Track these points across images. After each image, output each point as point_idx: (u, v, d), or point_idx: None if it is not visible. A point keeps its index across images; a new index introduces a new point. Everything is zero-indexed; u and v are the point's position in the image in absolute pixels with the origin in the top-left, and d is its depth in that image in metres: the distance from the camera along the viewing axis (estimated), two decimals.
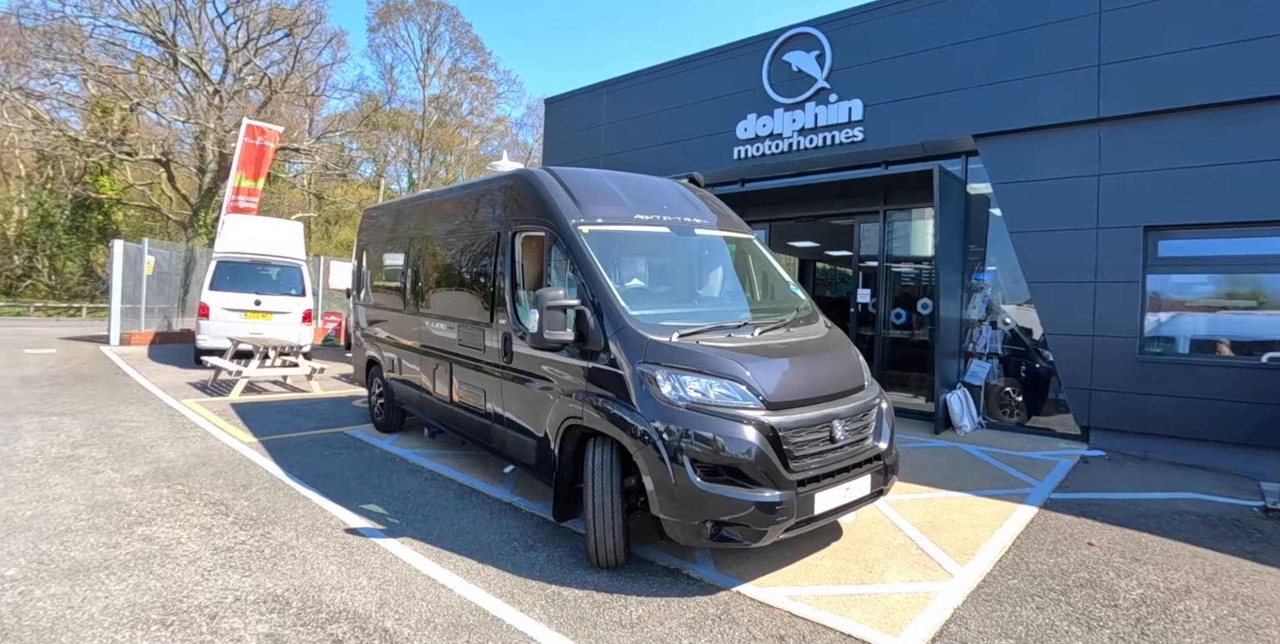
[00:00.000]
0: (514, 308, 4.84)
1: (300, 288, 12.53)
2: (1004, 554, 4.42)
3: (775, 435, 3.71)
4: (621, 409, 3.86)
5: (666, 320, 4.17)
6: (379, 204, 8.24)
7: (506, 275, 4.91)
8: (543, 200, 4.67)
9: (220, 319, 11.70)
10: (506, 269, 4.92)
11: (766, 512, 3.60)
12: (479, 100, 47.60)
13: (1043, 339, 7.83)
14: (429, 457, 6.43)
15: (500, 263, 5.00)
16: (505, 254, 4.95)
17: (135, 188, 28.95)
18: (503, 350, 4.89)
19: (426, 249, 6.23)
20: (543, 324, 4.02)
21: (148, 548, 4.09)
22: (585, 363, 4.15)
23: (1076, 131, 7.39)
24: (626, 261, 4.52)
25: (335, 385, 10.76)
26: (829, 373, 4.33)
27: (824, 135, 9.06)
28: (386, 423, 7.26)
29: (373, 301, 7.56)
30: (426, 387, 6.18)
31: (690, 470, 3.61)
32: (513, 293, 4.86)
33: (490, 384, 5.09)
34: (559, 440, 4.33)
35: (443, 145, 46.86)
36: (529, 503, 5.21)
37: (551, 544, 4.42)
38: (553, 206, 4.58)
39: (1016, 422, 8.15)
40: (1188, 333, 7.07)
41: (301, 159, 28.68)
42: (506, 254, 4.94)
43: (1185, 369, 6.86)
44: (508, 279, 4.90)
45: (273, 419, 7.94)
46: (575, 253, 4.31)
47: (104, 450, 6.26)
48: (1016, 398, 8.19)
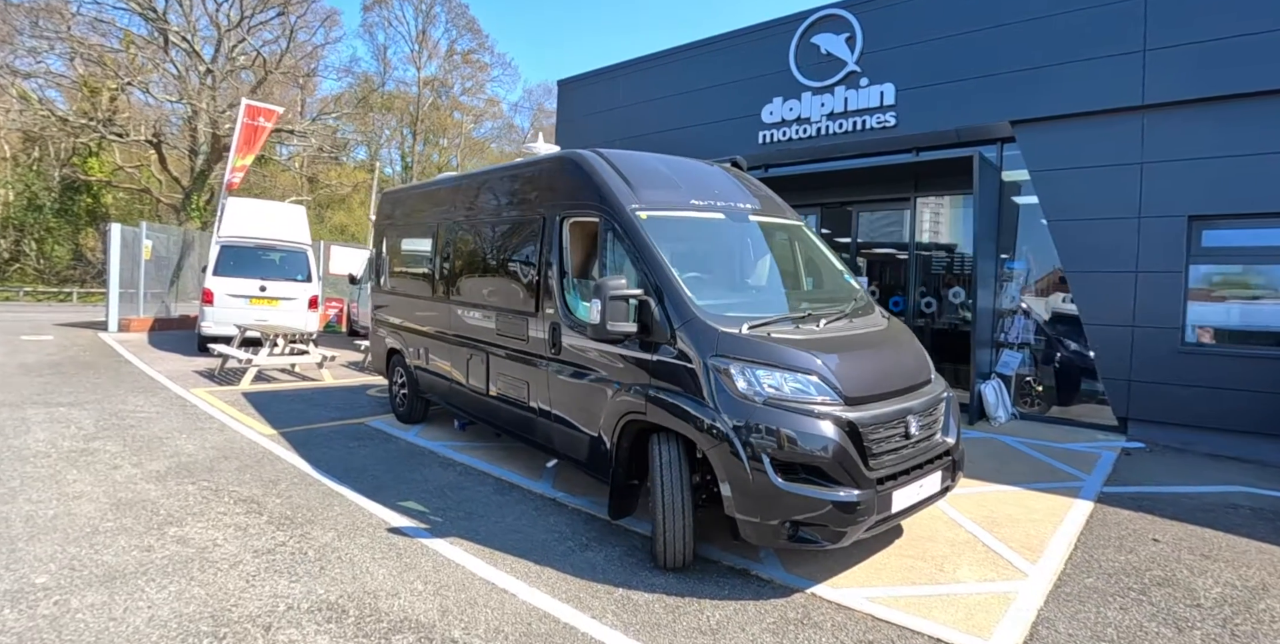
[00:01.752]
0: (563, 297, 4.61)
1: (306, 273, 12.21)
2: (1072, 551, 4.32)
3: (855, 431, 3.55)
4: (692, 405, 3.67)
5: (731, 311, 3.97)
6: (399, 187, 7.94)
7: (554, 263, 4.67)
8: (595, 184, 4.43)
9: (225, 305, 11.38)
10: (554, 256, 4.68)
11: (847, 511, 3.44)
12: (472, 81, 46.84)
13: (1076, 329, 7.69)
14: (458, 449, 6.22)
15: (546, 249, 4.76)
16: (552, 240, 4.71)
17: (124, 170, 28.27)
18: (550, 341, 4.66)
19: (458, 234, 5.97)
20: (605, 315, 3.80)
21: (183, 551, 3.86)
22: (648, 355, 3.94)
23: (1119, 118, 7.19)
24: (682, 249, 4.29)
25: (345, 373, 10.50)
26: (899, 365, 4.18)
27: (854, 120, 8.81)
28: (409, 414, 7.03)
29: (394, 288, 7.30)
30: (458, 377, 5.95)
31: (769, 469, 3.43)
32: (561, 281, 4.63)
33: (535, 376, 4.86)
34: (616, 436, 4.13)
35: (436, 128, 46.18)
36: (572, 498, 5.01)
37: (607, 543, 4.23)
38: (607, 191, 4.34)
39: (1048, 412, 8.02)
40: (1231, 324, 6.93)
41: (295, 141, 28.08)
42: (554, 240, 4.70)
43: (1227, 361, 6.73)
44: (555, 267, 4.66)
45: (288, 409, 7.69)
46: (634, 240, 4.08)
47: (119, 443, 6.00)
48: (1049, 388, 8.06)
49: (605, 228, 4.31)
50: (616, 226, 4.21)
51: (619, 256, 4.28)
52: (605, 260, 4.31)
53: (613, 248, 4.31)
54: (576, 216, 4.61)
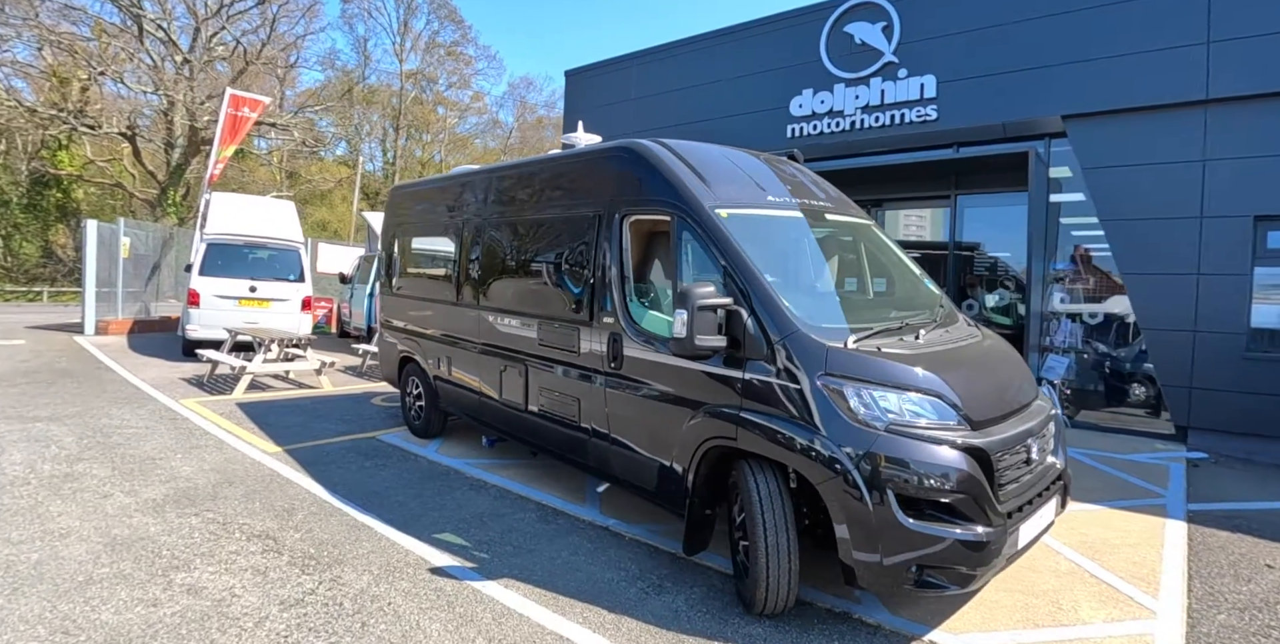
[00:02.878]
0: (624, 305, 4.08)
1: (299, 272, 11.52)
2: (1189, 582, 3.95)
3: (985, 459, 3.10)
4: (797, 430, 3.17)
5: (826, 321, 3.49)
6: (412, 181, 7.33)
7: (613, 266, 4.14)
8: (665, 178, 3.92)
9: (212, 307, 10.68)
10: (613, 259, 4.15)
11: (980, 551, 2.99)
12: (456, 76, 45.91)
13: (1127, 333, 7.33)
14: (486, 468, 5.67)
15: (602, 251, 4.23)
16: (610, 241, 4.18)
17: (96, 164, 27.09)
18: (608, 354, 4.13)
19: (490, 233, 5.40)
20: (692, 327, 3.30)
21: (197, 605, 3.28)
22: (736, 373, 3.43)
23: (1180, 113, 6.81)
24: (762, 252, 3.79)
25: (344, 379, 9.87)
26: (1010, 381, 3.75)
27: (891, 113, 8.36)
28: (426, 427, 6.45)
29: (409, 291, 6.71)
30: (487, 391, 5.39)
31: (895, 505, 2.95)
32: (622, 287, 4.10)
33: (587, 393, 4.33)
34: (695, 464, 3.63)
35: (419, 123, 45.23)
36: (627, 526, 4.50)
37: (682, 583, 3.72)
38: (681, 186, 3.83)
39: (1098, 420, 7.66)
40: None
41: (277, 135, 27.11)
42: (612, 241, 4.17)
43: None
44: (615, 271, 4.13)
45: (289, 422, 7.07)
46: (718, 242, 3.58)
47: (107, 466, 5.37)
48: (1098, 394, 7.70)
49: (679, 228, 3.79)
50: (694, 227, 3.71)
51: (696, 260, 3.78)
52: (679, 264, 3.79)
53: (688, 250, 3.79)
54: (640, 214, 4.09)
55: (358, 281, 14.06)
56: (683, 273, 3.79)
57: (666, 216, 3.89)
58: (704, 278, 3.73)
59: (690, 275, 3.78)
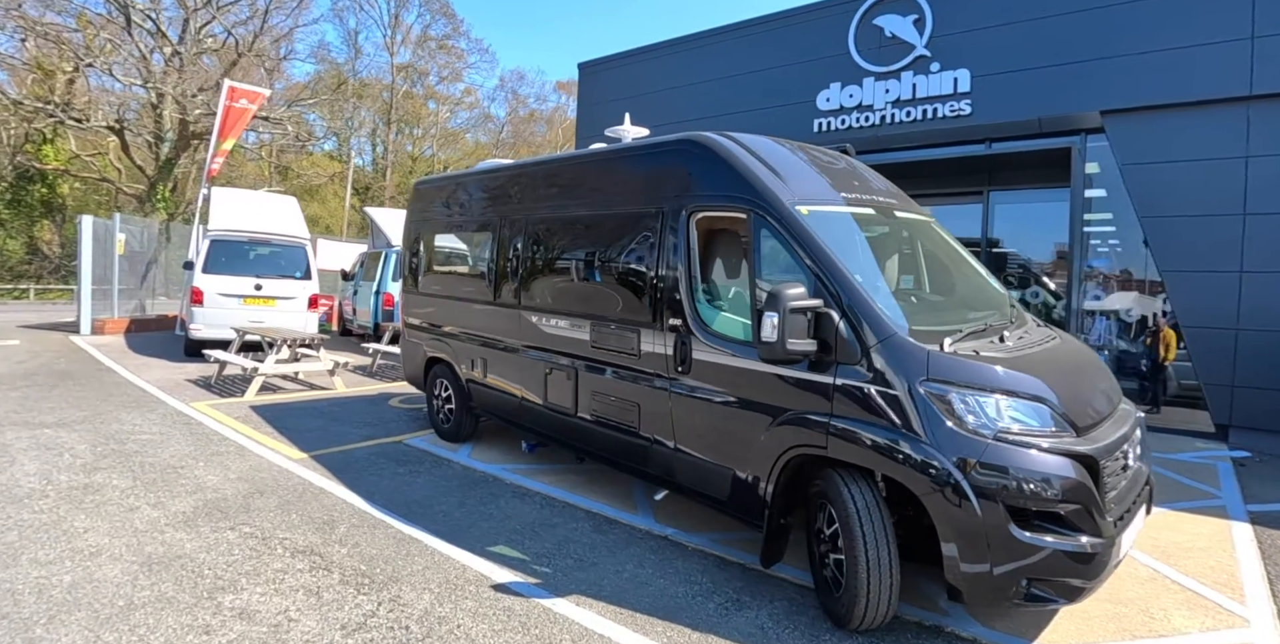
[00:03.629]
0: (693, 306, 3.87)
1: (305, 270, 11.22)
2: (1270, 587, 3.86)
3: (1094, 466, 2.95)
4: (898, 439, 2.99)
5: (920, 323, 3.31)
6: (439, 175, 7.06)
7: (680, 265, 3.93)
8: (738, 173, 3.71)
9: (216, 306, 10.36)
10: (679, 258, 3.94)
11: (1089, 562, 2.85)
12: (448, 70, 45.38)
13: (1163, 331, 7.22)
14: (525, 474, 5.45)
15: (667, 249, 4.01)
16: (676, 239, 3.97)
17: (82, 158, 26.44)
18: (675, 358, 3.92)
19: (533, 230, 5.16)
20: (783, 331, 3.10)
21: (253, 631, 3.05)
22: (826, 378, 3.24)
23: (1223, 109, 6.69)
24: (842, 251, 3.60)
25: (355, 380, 9.60)
26: (1099, 384, 3.61)
27: (923, 108, 8.18)
28: (457, 431, 6.22)
29: (437, 291, 6.45)
30: (529, 394, 5.17)
31: (1007, 518, 2.79)
32: (690, 287, 3.89)
33: (649, 399, 4.12)
34: (775, 473, 3.45)
35: (410, 118, 44.69)
36: (687, 535, 4.31)
37: (761, 597, 3.54)
38: (758, 182, 3.63)
39: None
40: None
41: (264, 128, 26.56)
42: (678, 239, 3.95)
43: None
44: (682, 270, 3.92)
45: (309, 426, 6.81)
46: (801, 241, 3.39)
47: (127, 476, 5.10)
48: (1133, 393, 7.60)
49: (757, 226, 3.59)
50: (773, 225, 3.51)
51: (775, 260, 3.59)
52: (755, 264, 3.59)
53: (765, 249, 3.60)
54: (710, 211, 3.88)
55: (362, 279, 13.75)
56: (760, 273, 3.59)
57: (741, 214, 3.69)
58: (782, 278, 3.55)
59: (768, 276, 3.59)
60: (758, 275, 3.58)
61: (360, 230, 36.94)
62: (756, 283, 3.56)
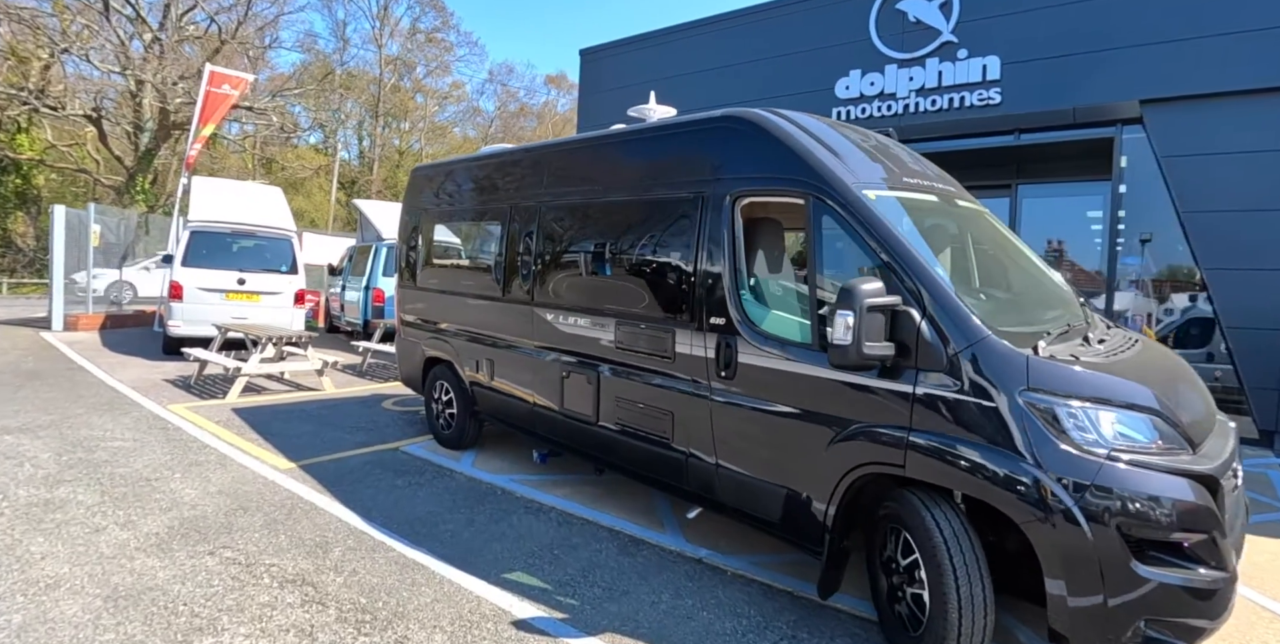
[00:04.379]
0: (738, 302, 3.43)
1: (291, 263, 10.66)
2: None
3: (1215, 488, 2.56)
4: (994, 458, 2.58)
5: (1007, 324, 2.90)
6: (440, 160, 6.55)
7: (723, 257, 3.48)
8: (794, 153, 3.28)
9: (196, 301, 9.79)
10: (723, 248, 3.49)
11: (1211, 599, 2.47)
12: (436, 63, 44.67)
13: (1206, 332, 6.87)
14: (535, 486, 4.99)
15: (707, 239, 3.56)
16: (718, 227, 3.52)
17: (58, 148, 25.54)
18: (718, 362, 3.48)
19: (548, 219, 4.68)
20: (859, 332, 2.68)
21: None
22: (904, 386, 2.81)
23: (1271, 99, 6.34)
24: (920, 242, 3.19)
25: (345, 380, 9.08)
26: (1198, 393, 3.22)
27: (950, 97, 7.77)
28: (459, 438, 5.75)
29: (437, 286, 5.96)
30: (543, 399, 4.71)
31: (1125, 549, 2.39)
32: (735, 282, 3.45)
33: (686, 407, 3.68)
34: (839, 494, 3.02)
35: (398, 111, 43.94)
36: (723, 557, 3.87)
37: (819, 632, 3.11)
38: (817, 162, 3.20)
39: None
40: None
41: (254, 119, 25.82)
42: (720, 227, 3.51)
43: None
44: (726, 262, 3.47)
45: (297, 432, 6.31)
46: (874, 230, 2.96)
47: (94, 490, 4.58)
48: None
49: (816, 212, 3.15)
50: (837, 211, 3.07)
51: (838, 251, 3.16)
52: (815, 256, 3.15)
53: (827, 239, 3.16)
54: (758, 196, 3.44)
55: (350, 273, 13.21)
56: (821, 266, 3.15)
57: (796, 199, 3.25)
58: (845, 273, 3.13)
59: (829, 269, 3.16)
60: (818, 269, 3.14)
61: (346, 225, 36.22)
62: (816, 277, 3.13)
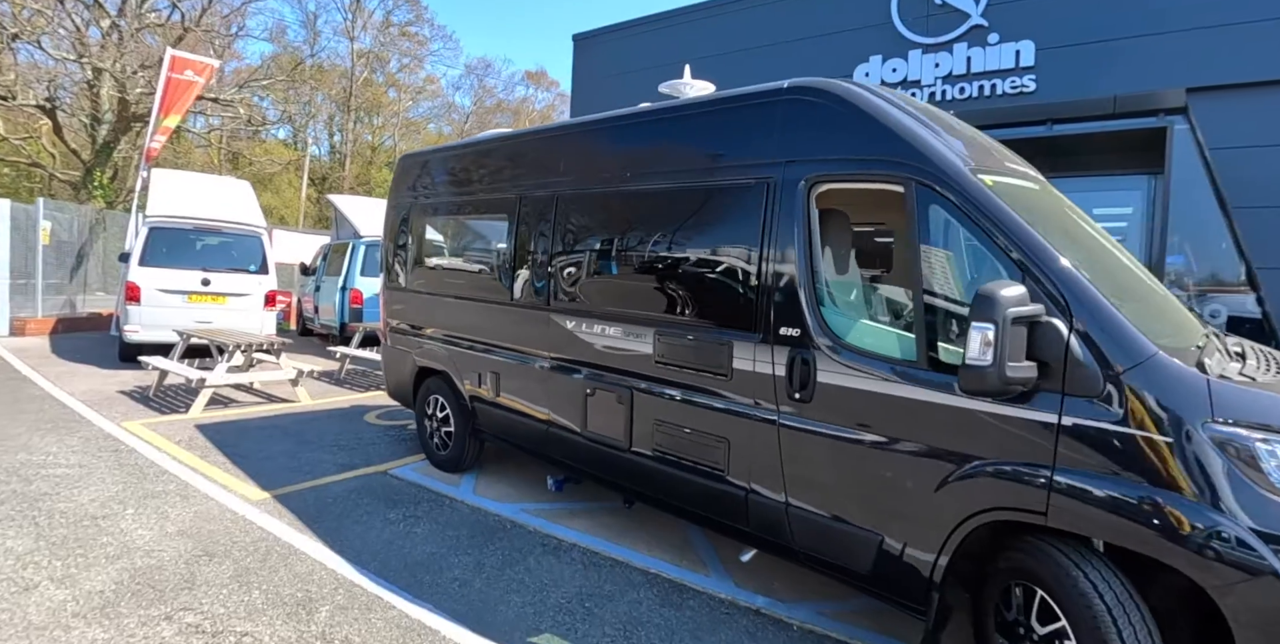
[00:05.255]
0: (816, 310, 2.85)
1: (261, 263, 9.85)
2: None
3: None
4: (1174, 505, 2.04)
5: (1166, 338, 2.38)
6: (434, 147, 5.87)
7: (798, 255, 2.90)
8: (889, 130, 2.72)
9: (156, 304, 8.95)
10: (797, 245, 2.90)
11: None
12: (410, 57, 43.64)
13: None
14: (550, 516, 4.37)
15: (775, 234, 2.98)
16: (789, 220, 2.93)
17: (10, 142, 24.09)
18: (791, 380, 2.89)
19: (569, 211, 4.05)
20: (1001, 349, 2.12)
21: None
22: (1046, 415, 2.27)
23: None
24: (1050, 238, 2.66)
25: (321, 389, 8.34)
26: None
27: (980, 84, 7.31)
28: (457, 459, 5.10)
29: (431, 287, 5.30)
30: (561, 419, 4.08)
31: None
32: (813, 286, 2.87)
33: (746, 433, 3.09)
34: (950, 543, 2.47)
35: (370, 106, 42.78)
36: (783, 606, 3.30)
37: None
38: (918, 141, 2.66)
39: None
40: None
41: (219, 112, 24.64)
42: (793, 220, 2.92)
43: None
44: (801, 262, 2.89)
45: (270, 452, 5.60)
46: (1001, 223, 2.44)
47: (28, 533, 3.85)
48: None
49: (922, 201, 2.59)
50: (949, 199, 2.53)
51: (952, 248, 2.61)
52: (918, 254, 2.58)
53: (936, 234, 2.60)
54: (842, 182, 2.87)
55: (325, 273, 12.43)
56: (929, 267, 2.58)
57: (894, 185, 2.68)
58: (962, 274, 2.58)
59: (940, 271, 2.59)
60: (924, 270, 2.57)
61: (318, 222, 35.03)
62: (921, 279, 2.57)
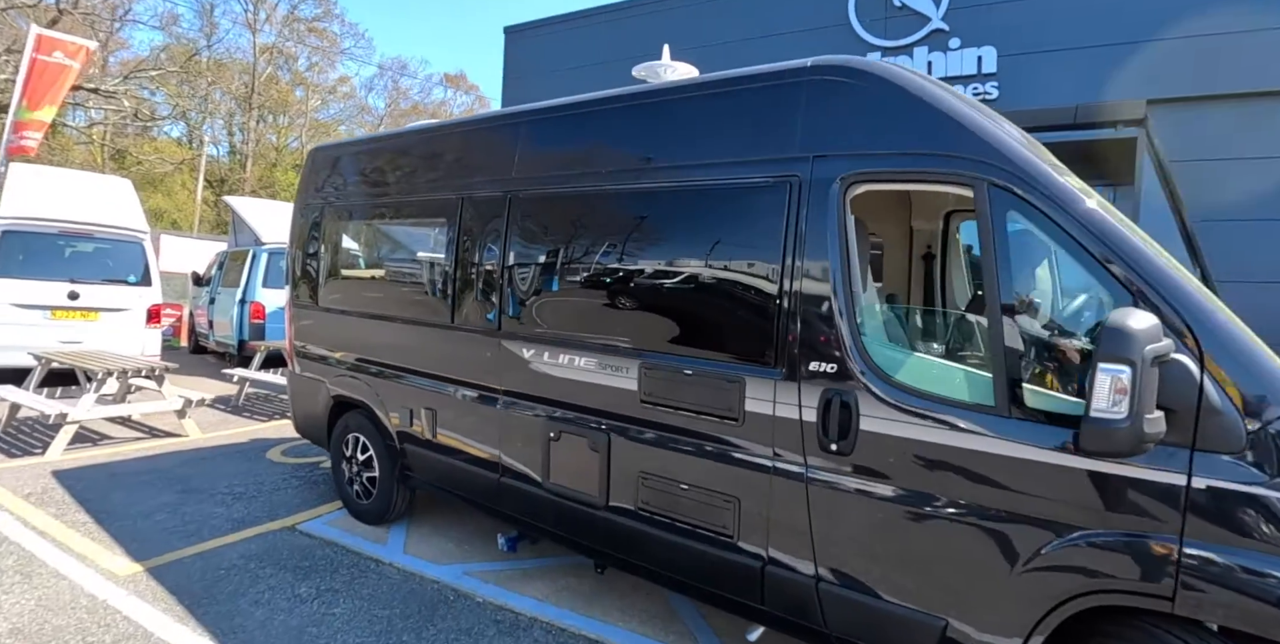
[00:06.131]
0: (857, 340, 2.30)
1: (142, 272, 8.58)
2: None
3: None
4: None
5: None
6: (347, 139, 5.02)
7: (833, 271, 2.34)
8: (950, 118, 2.25)
9: (8, 321, 7.57)
10: (832, 258, 2.35)
11: None
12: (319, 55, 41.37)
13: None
14: (500, 579, 3.64)
15: (802, 245, 2.41)
16: (821, 227, 2.38)
17: None
18: (824, 427, 2.33)
19: (521, 214, 3.36)
20: (1139, 397, 1.64)
21: None
22: (1170, 476, 1.80)
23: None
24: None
25: (215, 419, 7.22)
26: None
27: None
28: (381, 509, 4.28)
29: (351, 305, 4.46)
30: (517, 466, 3.38)
31: None
32: (850, 308, 2.32)
33: (762, 491, 2.50)
34: (1038, 629, 1.98)
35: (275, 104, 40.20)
36: None
37: None
38: (988, 133, 2.19)
39: None
40: None
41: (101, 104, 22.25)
42: (825, 227, 2.37)
43: None
44: (837, 279, 2.34)
45: (146, 506, 4.59)
46: (1105, 235, 2.01)
47: None
48: None
49: (998, 207, 2.10)
50: (1034, 205, 2.07)
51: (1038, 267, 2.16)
52: (998, 273, 2.08)
53: (1017, 247, 2.11)
54: (887, 182, 2.36)
55: (221, 284, 11.13)
56: (1007, 288, 2.08)
57: (958, 187, 2.19)
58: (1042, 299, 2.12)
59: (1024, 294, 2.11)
60: (1001, 290, 2.07)
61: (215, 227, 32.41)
62: (998, 303, 2.07)
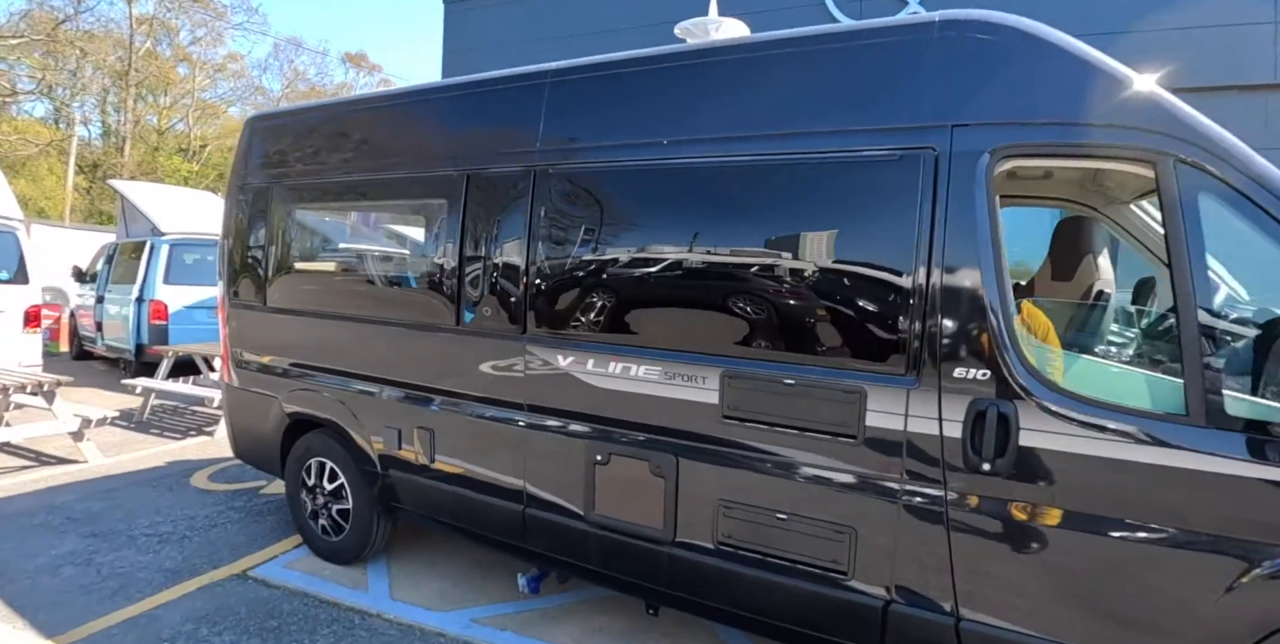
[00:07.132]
0: (1014, 343, 1.93)
1: (16, 268, 7.25)
2: None
3: None
4: None
5: None
6: (298, 106, 4.19)
7: (982, 260, 1.97)
8: (1125, 84, 1.98)
9: None
10: (979, 245, 1.97)
11: None
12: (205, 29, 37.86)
13: None
14: (518, 625, 3.10)
15: (939, 228, 2.02)
16: (964, 208, 2.00)
17: None
18: (973, 444, 1.96)
19: (551, 194, 2.78)
20: None
21: None
22: None
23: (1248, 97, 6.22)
24: None
25: (118, 439, 6.19)
26: None
27: None
28: (357, 546, 3.61)
29: (309, 305, 3.73)
30: (546, 496, 2.83)
31: None
32: (1003, 306, 1.95)
33: (886, 520, 2.11)
34: None
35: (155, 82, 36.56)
36: None
37: None
38: (1171, 102, 1.94)
39: None
40: None
41: None
42: (970, 208, 1.99)
43: None
44: (987, 270, 1.96)
45: (47, 556, 3.72)
46: None
47: None
48: None
49: (1189, 187, 1.84)
50: (1231, 185, 1.82)
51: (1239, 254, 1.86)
52: (1190, 263, 1.78)
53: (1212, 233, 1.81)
54: (1045, 156, 2.01)
55: (111, 281, 9.76)
56: (1199, 279, 1.77)
57: (1134, 164, 1.88)
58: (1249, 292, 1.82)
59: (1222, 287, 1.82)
60: (1195, 284, 1.77)
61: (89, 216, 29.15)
62: (1192, 298, 1.76)
